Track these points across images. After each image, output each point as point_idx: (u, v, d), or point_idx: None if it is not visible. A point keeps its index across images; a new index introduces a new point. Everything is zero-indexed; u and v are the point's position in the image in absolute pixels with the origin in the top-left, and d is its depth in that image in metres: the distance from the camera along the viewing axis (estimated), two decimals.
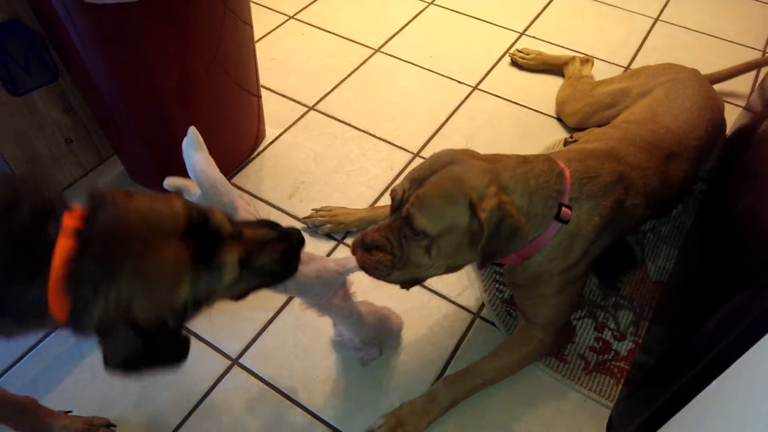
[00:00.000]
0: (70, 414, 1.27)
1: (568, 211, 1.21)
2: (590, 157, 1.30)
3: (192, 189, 1.19)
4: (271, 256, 0.95)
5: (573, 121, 1.94)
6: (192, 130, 1.18)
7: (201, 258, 0.82)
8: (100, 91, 1.52)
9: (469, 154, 1.20)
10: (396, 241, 1.15)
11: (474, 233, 1.12)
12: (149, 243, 0.78)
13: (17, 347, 1.43)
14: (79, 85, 1.57)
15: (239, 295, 0.98)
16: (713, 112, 1.60)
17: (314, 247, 1.67)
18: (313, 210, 1.73)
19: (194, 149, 1.18)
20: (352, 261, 1.19)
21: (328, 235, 1.70)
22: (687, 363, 1.02)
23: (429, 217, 1.11)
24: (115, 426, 1.30)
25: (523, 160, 1.22)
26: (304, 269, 1.13)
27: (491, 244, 1.12)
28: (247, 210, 1.17)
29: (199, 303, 0.85)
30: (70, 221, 0.75)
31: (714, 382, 0.93)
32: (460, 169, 1.14)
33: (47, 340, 1.45)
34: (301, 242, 1.00)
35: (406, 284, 1.26)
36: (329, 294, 1.18)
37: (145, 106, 1.54)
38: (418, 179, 1.15)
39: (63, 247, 0.74)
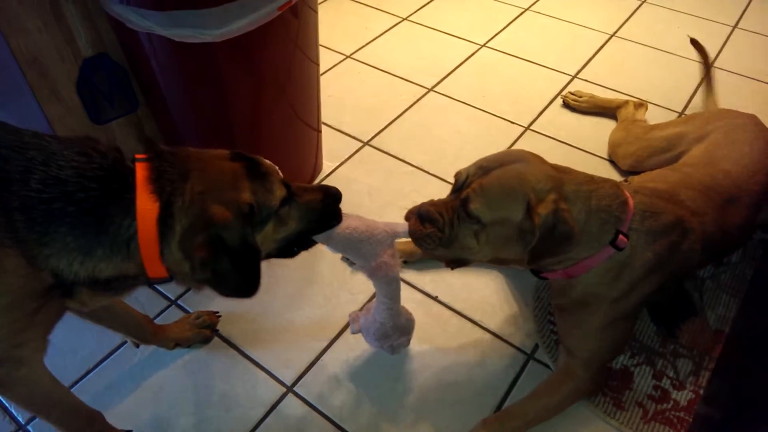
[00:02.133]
0: None
1: (625, 240, 1.22)
2: (655, 195, 1.31)
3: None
4: (314, 196, 1.14)
5: (626, 164, 1.94)
6: None
7: (253, 176, 1.02)
8: (175, 121, 1.60)
9: (539, 159, 1.24)
10: (449, 219, 1.20)
11: (524, 231, 1.16)
12: (207, 159, 1.02)
13: (83, 364, 1.48)
14: (156, 115, 1.66)
15: (291, 240, 1.13)
16: None
17: (358, 280, 1.69)
18: None
19: None
20: (402, 226, 1.25)
21: None
22: (761, 420, 0.99)
23: (485, 204, 1.16)
24: None
25: (591, 179, 1.24)
26: (353, 223, 1.20)
27: (541, 245, 1.15)
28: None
29: (263, 220, 1.03)
30: (139, 157, 0.98)
31: None
32: (526, 168, 1.18)
33: (111, 360, 1.50)
34: (339, 193, 1.19)
35: (452, 263, 1.30)
36: (377, 252, 1.21)
37: (216, 136, 1.62)
38: (484, 167, 1.20)
39: (141, 166, 0.95)
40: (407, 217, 1.27)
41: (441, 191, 1.97)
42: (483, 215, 1.16)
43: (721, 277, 1.69)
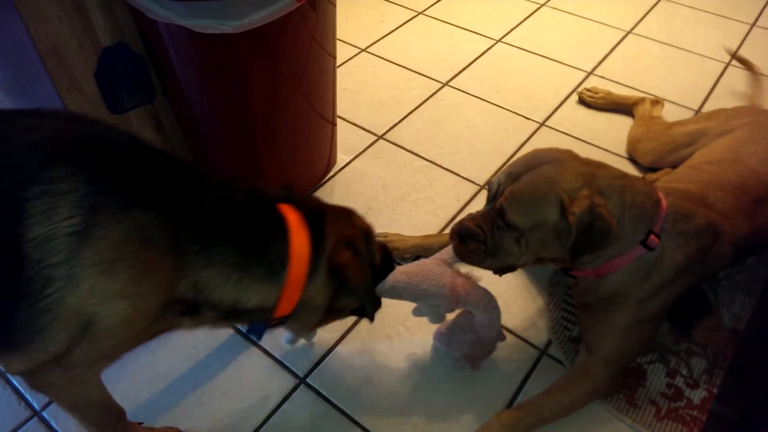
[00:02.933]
0: (143, 426, 1.32)
1: (656, 239, 1.21)
2: (686, 198, 1.30)
3: None
4: (379, 250, 1.27)
5: (647, 160, 1.92)
6: None
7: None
8: (192, 111, 1.61)
9: (570, 155, 1.23)
10: (489, 230, 1.22)
11: (561, 231, 1.16)
12: (342, 215, 1.19)
13: None
14: (173, 105, 1.67)
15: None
16: None
17: None
18: None
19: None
20: (448, 251, 1.27)
21: None
22: None
23: (520, 212, 1.17)
24: None
25: (625, 175, 1.23)
26: (405, 268, 1.25)
27: (580, 242, 1.16)
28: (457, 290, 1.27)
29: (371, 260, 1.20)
30: (284, 205, 1.09)
31: None
32: (555, 169, 1.18)
33: None
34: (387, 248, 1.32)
35: (499, 271, 1.31)
36: (442, 283, 1.24)
37: (232, 127, 1.63)
38: (514, 174, 1.21)
39: (287, 207, 1.07)
40: (450, 238, 1.28)
41: (455, 185, 1.97)
42: (519, 222, 1.18)
43: (737, 276, 1.67)
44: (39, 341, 0.84)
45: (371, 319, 1.23)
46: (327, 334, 1.55)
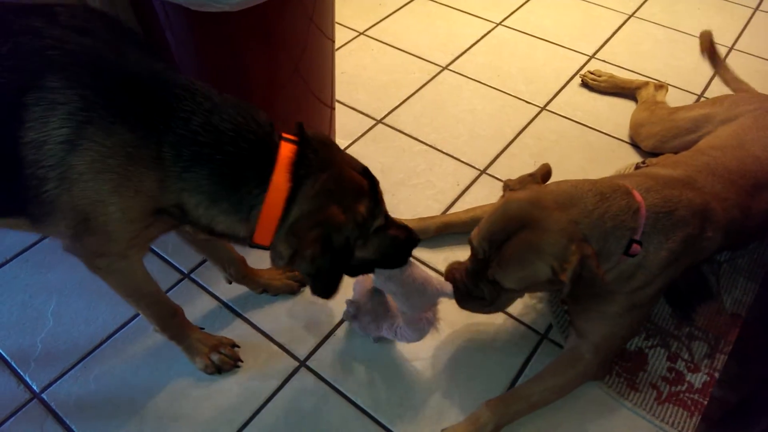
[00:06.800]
0: (203, 330, 1.44)
1: (638, 248, 1.21)
2: (668, 187, 1.29)
3: None
4: (398, 233, 1.19)
5: (649, 144, 1.91)
6: None
7: (371, 196, 1.10)
8: None
9: (541, 207, 1.19)
10: (489, 294, 1.29)
11: (555, 282, 1.19)
12: (346, 162, 1.10)
13: (96, 334, 1.49)
14: None
15: (360, 264, 1.19)
16: None
17: None
18: None
19: None
20: (450, 287, 1.30)
21: None
22: None
23: (513, 282, 1.23)
24: (239, 347, 1.45)
25: (600, 197, 1.21)
26: (414, 272, 1.25)
27: (573, 290, 1.17)
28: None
29: (364, 233, 1.11)
30: (287, 136, 1.06)
31: None
32: (535, 236, 1.17)
33: (124, 331, 1.50)
34: (417, 240, 1.23)
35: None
36: (423, 307, 1.28)
37: None
38: (495, 242, 1.22)
39: (287, 146, 1.04)
40: (447, 278, 1.35)
41: (455, 170, 1.95)
42: (516, 287, 1.24)
43: (738, 261, 1.67)
44: (49, 222, 1.01)
45: (314, 292, 1.12)
46: (327, 317, 1.54)
